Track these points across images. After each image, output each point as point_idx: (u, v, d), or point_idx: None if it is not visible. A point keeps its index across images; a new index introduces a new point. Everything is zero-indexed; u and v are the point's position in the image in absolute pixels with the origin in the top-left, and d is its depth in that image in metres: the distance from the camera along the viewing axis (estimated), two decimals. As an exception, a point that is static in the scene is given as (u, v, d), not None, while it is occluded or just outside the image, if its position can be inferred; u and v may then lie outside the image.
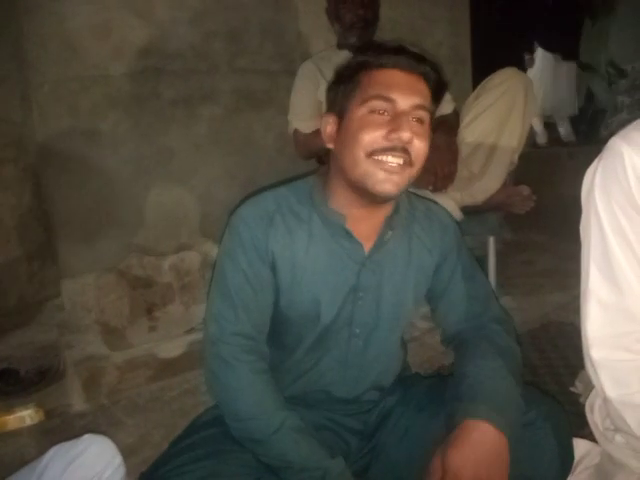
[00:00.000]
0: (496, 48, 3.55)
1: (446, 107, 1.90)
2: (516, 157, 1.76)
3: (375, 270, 0.96)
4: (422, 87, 0.91)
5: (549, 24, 3.81)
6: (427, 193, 1.66)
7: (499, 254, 1.95)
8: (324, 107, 1.81)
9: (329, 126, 0.95)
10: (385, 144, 0.86)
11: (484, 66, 2.17)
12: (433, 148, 1.70)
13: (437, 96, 0.95)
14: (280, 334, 0.98)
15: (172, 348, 1.70)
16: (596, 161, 0.85)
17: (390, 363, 1.04)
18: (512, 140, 1.71)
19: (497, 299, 1.07)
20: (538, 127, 3.70)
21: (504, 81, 1.71)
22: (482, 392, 0.87)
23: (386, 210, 0.96)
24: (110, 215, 1.93)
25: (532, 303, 1.94)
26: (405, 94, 0.88)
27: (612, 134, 0.84)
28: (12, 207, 1.84)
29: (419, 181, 1.68)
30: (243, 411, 0.87)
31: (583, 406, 1.04)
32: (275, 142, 2.17)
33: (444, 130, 1.78)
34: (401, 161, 0.87)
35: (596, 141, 3.54)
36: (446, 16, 2.60)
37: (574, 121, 3.97)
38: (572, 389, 1.40)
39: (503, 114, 1.69)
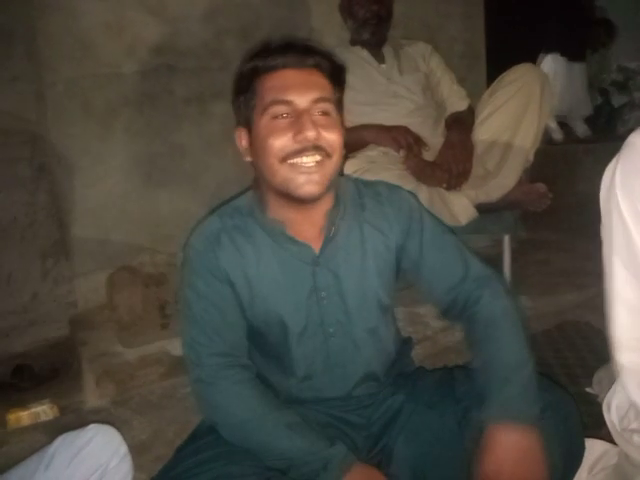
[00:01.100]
0: (511, 44, 3.52)
1: (461, 104, 1.89)
2: (532, 154, 1.73)
3: (330, 266, 0.96)
4: (317, 79, 0.91)
5: (559, 25, 3.76)
6: (441, 191, 1.65)
7: (514, 253, 1.93)
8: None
9: (242, 140, 0.96)
10: (295, 147, 0.87)
11: (499, 62, 2.15)
12: (447, 145, 1.72)
13: (337, 80, 0.95)
14: (261, 347, 0.99)
15: (184, 345, 1.70)
16: (615, 158, 0.83)
17: (379, 353, 1.03)
18: (528, 137, 1.69)
19: (471, 253, 1.04)
20: (553, 124, 3.66)
21: (520, 77, 1.68)
22: (499, 391, 0.87)
23: (325, 206, 0.96)
24: (123, 213, 1.94)
25: (548, 302, 1.91)
26: (301, 92, 0.88)
27: (629, 131, 0.83)
28: (26, 205, 1.85)
29: (433, 179, 1.67)
30: (235, 421, 0.88)
31: (600, 406, 1.02)
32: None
33: (459, 127, 1.77)
34: (317, 158, 0.87)
35: (613, 138, 3.49)
36: (460, 12, 2.57)
37: (590, 119, 3.92)
38: (588, 389, 1.38)
39: (519, 111, 1.66)
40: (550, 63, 3.70)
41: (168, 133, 1.99)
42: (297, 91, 0.88)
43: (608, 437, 1.01)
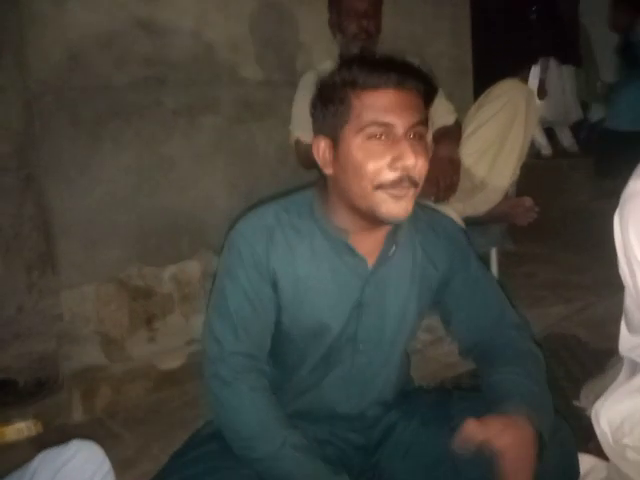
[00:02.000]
0: (498, 60, 3.57)
1: (448, 118, 1.91)
2: (518, 168, 1.76)
3: (379, 285, 0.95)
4: (416, 101, 0.88)
5: (550, 30, 3.80)
6: (429, 204, 1.66)
7: (501, 265, 1.95)
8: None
9: (324, 151, 0.90)
10: (391, 176, 0.84)
11: (486, 77, 2.18)
12: (435, 159, 1.74)
13: (429, 102, 0.93)
14: (283, 352, 0.96)
15: (172, 359, 1.69)
16: (620, 209, 0.84)
17: (393, 377, 1.03)
18: (514, 151, 1.71)
19: (511, 303, 1.06)
20: (542, 139, 3.69)
21: (505, 92, 1.72)
22: (517, 395, 0.87)
23: (389, 225, 0.94)
24: (111, 225, 1.92)
25: (534, 315, 1.92)
26: (402, 115, 0.85)
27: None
28: (12, 216, 1.83)
29: (421, 191, 1.68)
30: (244, 430, 0.86)
31: (588, 420, 1.03)
32: (276, 152, 2.17)
33: (446, 141, 1.79)
34: (411, 190, 0.85)
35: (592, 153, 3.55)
36: (447, 28, 2.61)
37: (573, 130, 3.97)
38: (576, 403, 1.38)
39: (505, 125, 1.69)
40: (542, 67, 3.72)
41: (157, 145, 1.99)
42: (398, 114, 0.84)
43: (596, 451, 1.02)
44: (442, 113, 1.92)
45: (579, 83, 3.95)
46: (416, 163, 0.84)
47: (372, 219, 0.88)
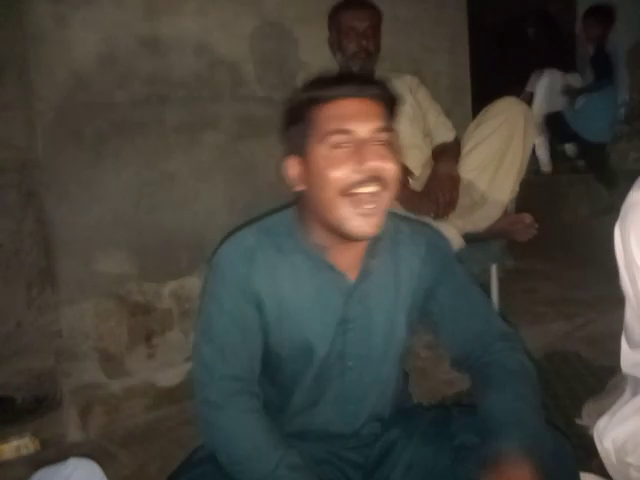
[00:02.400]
0: (495, 77, 3.62)
1: (447, 135, 1.93)
2: (517, 185, 1.77)
3: (362, 300, 0.95)
4: (376, 109, 0.89)
5: (551, 41, 3.84)
6: (428, 220, 1.66)
7: (501, 282, 1.94)
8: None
9: (294, 168, 0.93)
10: (356, 177, 0.85)
11: (484, 95, 2.20)
12: (434, 175, 1.75)
13: (393, 111, 0.94)
14: (276, 373, 0.96)
15: (171, 376, 1.68)
16: (622, 217, 0.84)
17: (388, 393, 1.02)
18: (513, 168, 1.72)
19: (497, 312, 1.06)
20: (545, 156, 3.68)
21: (504, 110, 1.73)
22: (507, 429, 0.86)
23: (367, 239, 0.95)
24: (111, 241, 1.93)
25: (535, 332, 1.92)
26: (362, 121, 0.86)
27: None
28: (13, 232, 1.84)
29: (420, 208, 1.69)
30: (237, 453, 0.85)
31: (590, 438, 1.02)
32: (276, 169, 2.18)
33: (445, 158, 1.80)
34: (377, 188, 0.85)
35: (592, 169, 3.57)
36: (446, 46, 2.64)
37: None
38: (578, 421, 1.37)
39: (503, 142, 1.70)
40: (546, 77, 3.74)
41: (158, 161, 2.00)
42: (358, 120, 0.86)
43: (599, 469, 1.01)
44: (441, 130, 1.93)
45: None
46: (381, 165, 0.85)
47: (343, 234, 0.89)
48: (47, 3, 1.80)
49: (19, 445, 1.36)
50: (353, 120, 0.86)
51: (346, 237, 0.89)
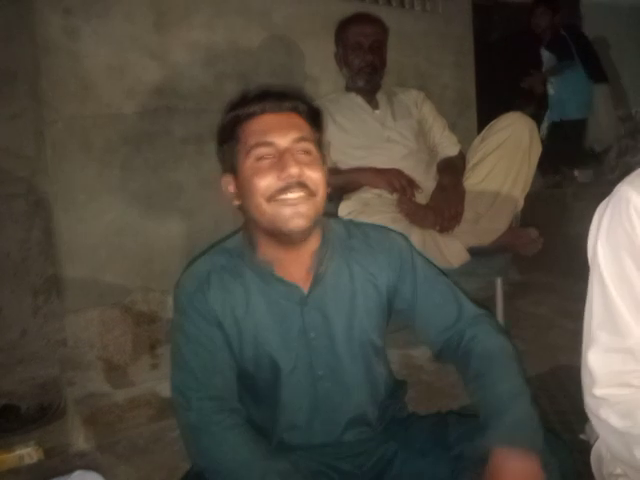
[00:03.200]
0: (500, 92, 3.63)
1: (452, 149, 1.93)
2: (522, 199, 1.77)
3: (319, 307, 0.96)
4: (296, 120, 0.96)
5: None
6: (434, 233, 1.67)
7: (506, 295, 1.94)
8: (332, 147, 1.84)
9: (229, 185, 0.98)
10: (279, 184, 0.90)
11: (489, 109, 2.22)
12: (439, 189, 1.75)
13: (315, 122, 1.00)
14: (254, 391, 0.98)
15: (175, 386, 1.67)
16: (602, 206, 0.86)
17: (368, 396, 1.02)
18: (518, 183, 1.73)
19: (463, 294, 1.05)
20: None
21: (509, 124, 1.74)
22: (499, 419, 0.87)
23: (312, 246, 0.97)
24: (117, 250, 1.94)
25: (540, 346, 1.91)
26: (281, 133, 0.92)
27: (617, 177, 0.86)
28: (20, 241, 1.85)
29: (425, 221, 1.69)
30: (224, 470, 0.87)
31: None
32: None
33: (450, 171, 1.81)
34: (302, 194, 0.90)
35: (600, 183, 3.56)
36: (452, 60, 2.66)
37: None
38: (582, 436, 1.36)
39: (509, 156, 1.71)
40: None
41: (165, 171, 2.02)
42: (277, 132, 0.92)
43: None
44: (446, 144, 1.94)
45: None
46: (301, 172, 0.90)
47: (279, 235, 0.92)
48: (59, 16, 1.83)
49: (23, 454, 1.36)
50: (273, 132, 0.92)
51: (284, 236, 0.92)
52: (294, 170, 0.89)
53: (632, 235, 0.79)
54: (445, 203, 1.70)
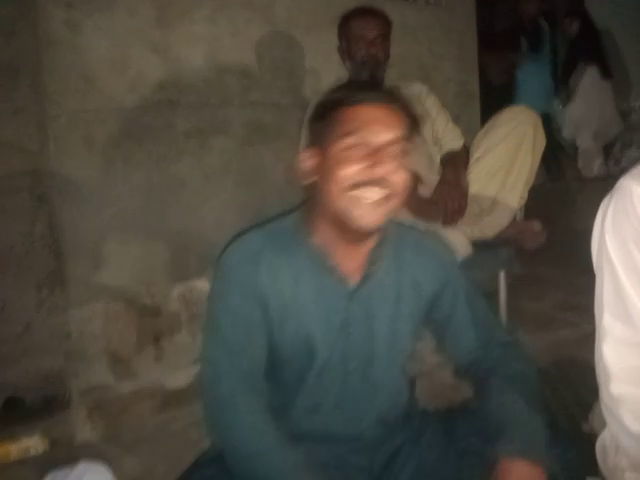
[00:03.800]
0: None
1: (455, 142, 1.93)
2: (525, 193, 1.77)
3: (364, 303, 0.96)
4: (396, 120, 0.93)
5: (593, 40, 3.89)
6: (437, 227, 1.67)
7: (509, 288, 1.94)
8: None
9: (309, 161, 0.96)
10: (362, 178, 0.88)
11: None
12: (442, 183, 1.75)
13: (412, 127, 0.97)
14: (279, 374, 0.97)
15: (178, 378, 1.68)
16: (606, 200, 0.86)
17: (393, 398, 1.02)
18: (521, 176, 1.73)
19: (500, 322, 1.07)
20: (599, 159, 3.70)
21: (513, 118, 1.73)
22: (510, 430, 0.87)
23: (370, 243, 0.97)
24: (120, 243, 1.94)
25: (543, 339, 1.91)
26: (379, 129, 0.90)
27: (622, 170, 0.86)
28: (24, 235, 1.85)
29: (429, 215, 1.69)
30: (244, 452, 0.86)
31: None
32: (285, 174, 2.20)
33: (454, 165, 1.80)
34: (381, 195, 0.88)
35: (605, 177, 3.55)
36: (455, 53, 2.65)
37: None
38: (585, 427, 1.36)
39: (512, 150, 1.71)
40: (588, 76, 3.76)
41: (168, 165, 2.02)
42: (375, 127, 0.90)
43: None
44: (450, 138, 1.94)
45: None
46: (389, 173, 0.88)
47: (345, 227, 0.91)
48: (61, 10, 1.83)
49: (28, 445, 1.37)
50: (373, 126, 0.89)
51: (350, 229, 0.90)
52: (381, 170, 0.87)
53: (638, 227, 0.79)
54: (449, 196, 1.70)
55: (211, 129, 2.09)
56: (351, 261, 0.96)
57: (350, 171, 0.88)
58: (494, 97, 2.47)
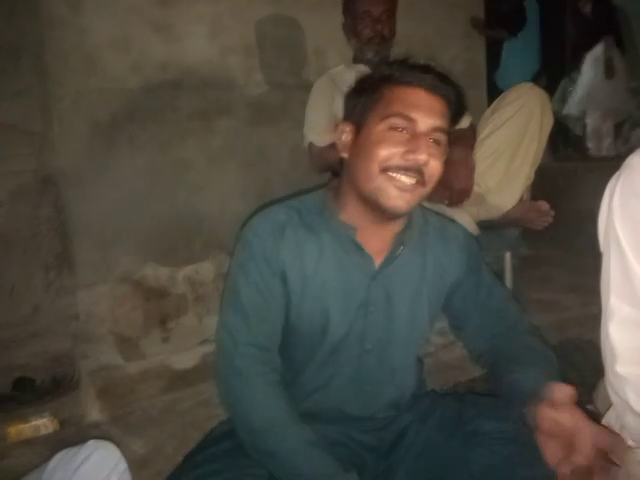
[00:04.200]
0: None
1: (462, 122, 1.90)
2: (533, 172, 1.74)
3: (385, 284, 0.96)
4: (443, 109, 0.91)
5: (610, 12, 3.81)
6: (443, 207, 1.66)
7: (515, 269, 1.93)
8: (340, 120, 1.82)
9: (345, 134, 0.95)
10: (401, 162, 0.87)
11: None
12: (449, 163, 1.72)
13: (455, 118, 0.96)
14: (292, 348, 0.97)
15: (185, 359, 1.70)
16: (614, 179, 0.85)
17: (406, 380, 1.03)
18: (528, 155, 1.70)
19: (521, 311, 1.06)
20: (610, 137, 3.65)
21: (520, 96, 1.70)
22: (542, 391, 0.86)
23: (397, 225, 0.96)
24: (126, 226, 1.95)
25: (549, 320, 1.91)
26: (426, 115, 0.88)
27: (630, 149, 0.84)
28: (30, 217, 1.86)
29: (435, 195, 1.68)
30: (257, 424, 0.86)
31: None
32: (289, 155, 2.18)
33: (460, 145, 1.78)
34: (414, 181, 0.88)
35: (613, 157, 3.51)
36: (461, 31, 2.61)
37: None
38: (589, 407, 1.37)
39: (520, 129, 1.68)
40: (602, 49, 3.68)
41: (172, 148, 2.01)
42: (423, 113, 0.88)
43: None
44: (456, 117, 1.91)
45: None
46: (428, 161, 0.87)
47: (374, 207, 0.90)
48: (62, -11, 1.80)
49: (39, 425, 1.39)
50: (419, 111, 0.88)
51: (379, 210, 0.90)
52: (422, 157, 0.86)
53: None
54: (455, 177, 1.68)
55: (215, 110, 2.07)
56: (377, 241, 0.95)
57: (390, 152, 0.87)
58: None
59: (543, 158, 1.78)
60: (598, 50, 3.65)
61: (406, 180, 0.87)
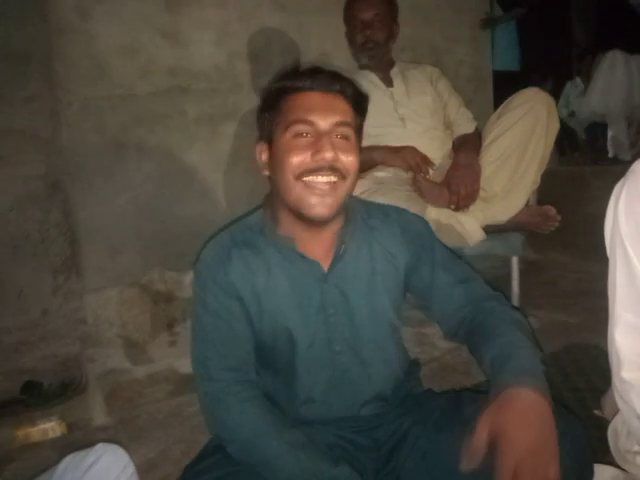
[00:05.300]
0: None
1: (468, 126, 1.90)
2: (539, 177, 1.74)
3: (338, 284, 0.97)
4: (340, 104, 0.94)
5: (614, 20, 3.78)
6: (449, 212, 1.66)
7: (522, 274, 1.93)
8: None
9: (263, 154, 0.98)
10: (311, 165, 0.89)
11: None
12: (455, 167, 1.73)
13: (359, 108, 0.98)
14: (272, 363, 0.99)
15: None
16: (619, 184, 0.85)
17: (385, 374, 1.03)
18: (534, 160, 1.70)
19: (479, 276, 1.05)
20: (625, 137, 3.60)
21: (526, 101, 1.70)
22: (513, 362, 0.84)
23: (335, 226, 0.98)
24: (133, 230, 1.97)
25: (555, 324, 1.90)
26: (324, 114, 0.91)
27: (637, 154, 0.84)
28: (39, 222, 1.88)
29: (441, 200, 1.68)
30: (240, 438, 0.89)
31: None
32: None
33: (466, 149, 1.78)
34: (332, 179, 0.90)
35: (619, 161, 3.49)
36: (467, 35, 2.61)
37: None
38: (597, 412, 1.36)
39: (526, 133, 1.68)
40: (610, 60, 3.66)
41: (179, 152, 2.03)
42: (320, 113, 0.91)
43: (617, 463, 1.01)
44: (462, 121, 1.91)
45: None
46: (336, 157, 0.89)
47: (302, 217, 0.92)
48: (71, -4, 1.83)
49: (47, 428, 1.40)
50: (316, 112, 0.91)
51: (306, 219, 0.92)
52: (329, 154, 0.88)
53: None
54: (461, 181, 1.68)
55: (222, 116, 2.09)
56: (318, 246, 0.97)
57: (299, 158, 0.90)
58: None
59: (549, 162, 1.77)
60: (616, 54, 3.63)
61: (322, 180, 0.89)
